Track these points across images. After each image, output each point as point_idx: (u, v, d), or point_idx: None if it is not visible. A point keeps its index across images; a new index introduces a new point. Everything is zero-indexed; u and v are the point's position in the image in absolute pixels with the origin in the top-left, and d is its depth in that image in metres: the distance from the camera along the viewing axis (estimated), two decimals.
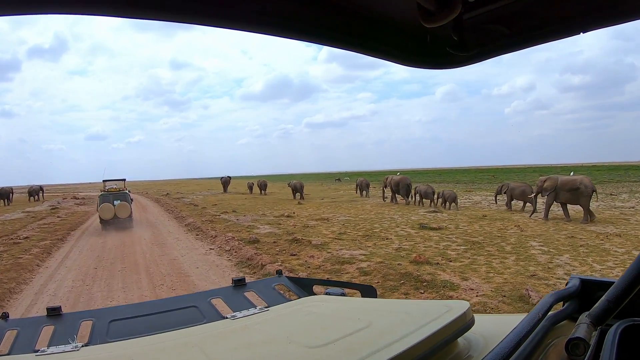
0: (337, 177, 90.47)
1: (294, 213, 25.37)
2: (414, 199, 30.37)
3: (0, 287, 12.00)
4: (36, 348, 1.72)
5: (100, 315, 2.02)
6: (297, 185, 40.33)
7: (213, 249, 15.98)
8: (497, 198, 27.95)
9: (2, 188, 50.66)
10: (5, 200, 49.09)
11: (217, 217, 24.40)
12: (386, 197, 33.75)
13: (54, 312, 2.02)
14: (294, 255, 14.17)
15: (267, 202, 36.33)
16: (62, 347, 1.66)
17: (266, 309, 2.01)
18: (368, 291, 2.37)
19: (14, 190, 52.22)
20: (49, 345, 1.72)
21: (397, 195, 31.98)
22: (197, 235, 19.53)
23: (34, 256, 16.11)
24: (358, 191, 41.35)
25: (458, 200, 27.84)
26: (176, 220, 25.25)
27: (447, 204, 27.23)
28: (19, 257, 15.81)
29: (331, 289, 2.28)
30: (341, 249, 14.71)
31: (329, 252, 14.21)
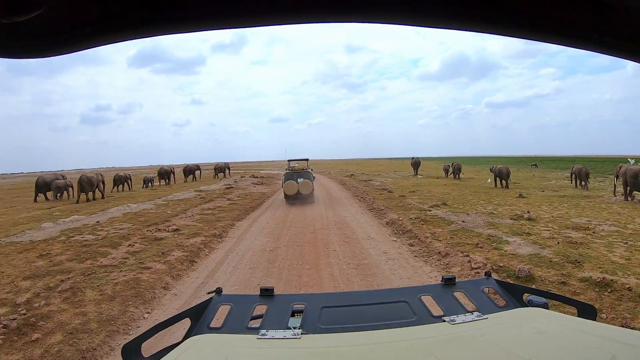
0: (534, 163, 76.88)
1: (527, 212, 16.18)
2: None
3: (77, 341, 6.55)
4: (249, 326, 1.85)
5: (312, 300, 2.03)
6: (502, 171, 30.84)
7: None
8: None
9: (187, 165, 50.27)
10: (192, 176, 48.64)
11: (427, 212, 16.44)
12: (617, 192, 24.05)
13: (266, 293, 2.11)
14: None
15: (473, 190, 27.23)
16: (282, 333, 1.72)
17: (484, 317, 1.86)
18: (587, 311, 2.02)
19: (201, 168, 51.70)
20: (262, 325, 1.81)
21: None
22: (411, 246, 11.76)
23: (169, 267, 10.09)
24: (575, 181, 31.25)
25: None
26: (371, 213, 18.02)
27: None
28: (146, 268, 9.95)
29: (533, 297, 2.10)
30: None
31: None
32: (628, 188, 22.00)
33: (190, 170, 49.22)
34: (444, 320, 1.83)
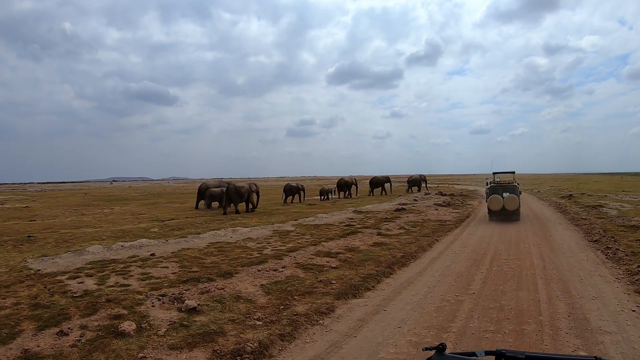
0: None
1: None
2: None
3: None
4: None
5: None
6: None
7: None
8: None
9: (375, 177, 43.42)
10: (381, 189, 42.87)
11: None
12: None
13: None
14: None
15: None
16: None
17: None
18: None
19: (391, 180, 45.56)
20: None
21: None
22: None
23: None
24: None
25: None
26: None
27: None
28: None
29: None
30: None
31: None
32: None
33: (380, 182, 42.16)
34: None
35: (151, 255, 11.73)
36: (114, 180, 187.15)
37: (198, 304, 7.06)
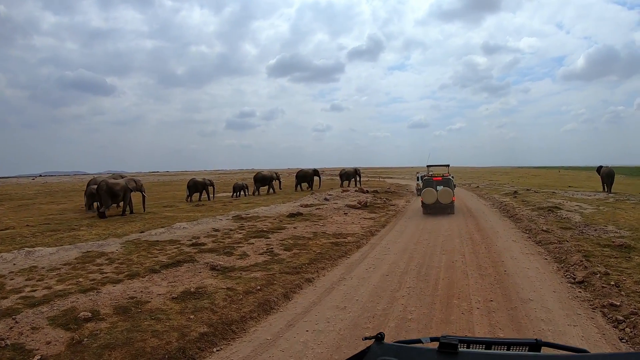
0: None
1: None
2: None
3: None
4: None
5: None
6: None
7: None
8: None
9: (302, 170, 37.98)
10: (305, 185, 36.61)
11: None
12: None
13: (448, 348, 1.31)
14: None
15: None
16: None
17: None
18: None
19: (321, 173, 39.65)
20: None
21: None
22: None
23: None
24: None
25: None
26: None
27: None
28: None
29: None
30: None
31: None
32: None
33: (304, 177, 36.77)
34: None
35: None
36: (40, 175, 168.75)
37: None
